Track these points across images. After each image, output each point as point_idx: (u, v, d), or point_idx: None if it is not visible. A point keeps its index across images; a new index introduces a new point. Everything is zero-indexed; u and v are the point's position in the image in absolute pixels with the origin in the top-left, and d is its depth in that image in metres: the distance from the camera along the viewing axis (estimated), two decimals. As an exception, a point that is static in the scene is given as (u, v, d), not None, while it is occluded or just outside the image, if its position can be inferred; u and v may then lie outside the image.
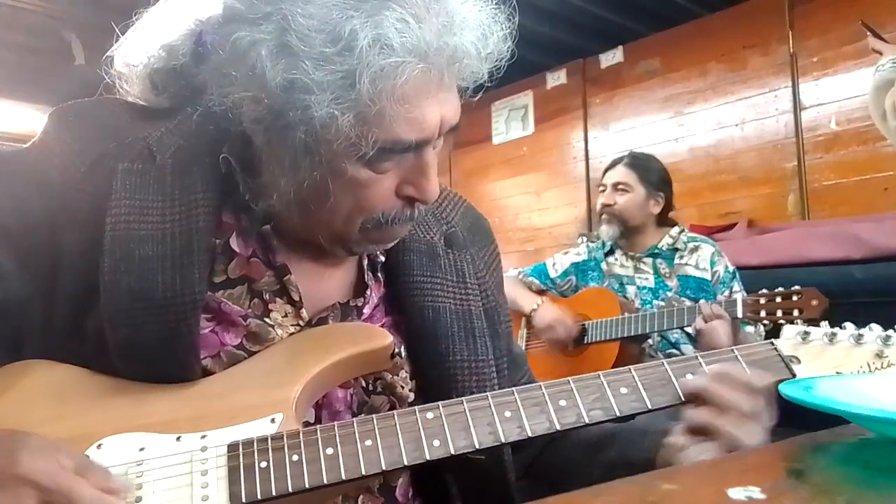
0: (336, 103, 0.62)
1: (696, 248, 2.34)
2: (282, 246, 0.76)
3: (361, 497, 0.74)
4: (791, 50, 3.13)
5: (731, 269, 2.30)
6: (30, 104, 4.57)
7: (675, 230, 2.41)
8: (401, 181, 0.70)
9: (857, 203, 2.87)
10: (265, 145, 0.69)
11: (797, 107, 3.10)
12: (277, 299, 0.74)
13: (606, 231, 2.38)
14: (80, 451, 0.60)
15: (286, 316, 0.74)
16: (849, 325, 0.74)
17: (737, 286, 2.24)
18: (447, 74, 0.66)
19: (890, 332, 0.73)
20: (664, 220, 2.44)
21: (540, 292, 2.56)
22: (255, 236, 0.74)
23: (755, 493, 0.44)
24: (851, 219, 2.74)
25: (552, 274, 2.57)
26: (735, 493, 0.44)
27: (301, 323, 0.75)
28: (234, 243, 0.74)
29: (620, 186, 2.40)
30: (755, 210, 3.20)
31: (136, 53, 0.78)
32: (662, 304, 2.28)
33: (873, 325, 0.73)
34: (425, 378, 0.78)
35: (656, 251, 2.38)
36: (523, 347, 2.51)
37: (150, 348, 0.66)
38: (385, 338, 0.71)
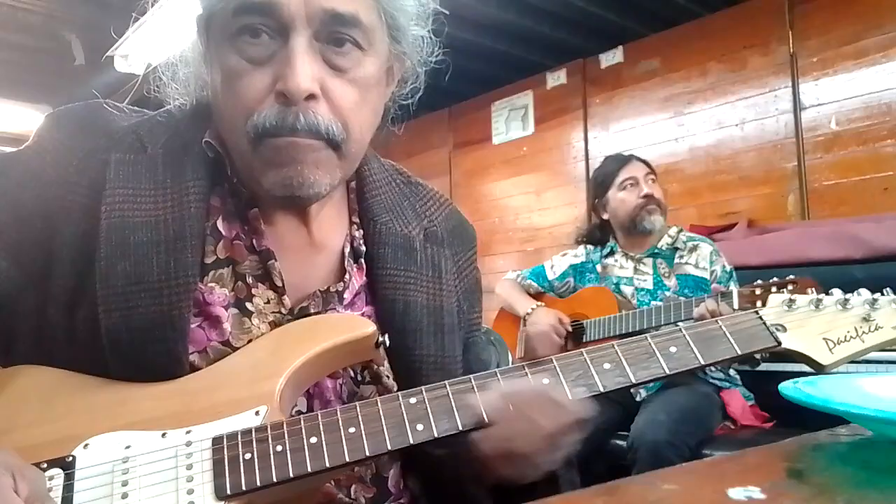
0: None
1: (695, 248, 2.35)
2: (269, 230, 0.77)
3: (354, 486, 0.75)
4: (791, 50, 3.13)
5: (728, 268, 2.31)
6: (30, 104, 4.57)
7: (673, 230, 2.42)
8: (273, 77, 0.68)
9: (857, 203, 2.87)
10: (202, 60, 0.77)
11: (797, 107, 3.10)
12: (260, 284, 0.75)
13: (658, 220, 2.35)
14: (45, 484, 0.59)
15: (268, 303, 0.75)
16: (836, 291, 0.73)
17: (733, 286, 2.24)
18: None
19: (877, 295, 0.71)
20: None
21: (538, 295, 2.56)
22: (240, 220, 0.76)
23: (755, 493, 0.44)
24: (851, 219, 2.74)
25: (550, 276, 2.57)
26: (735, 493, 0.44)
27: (283, 311, 0.75)
28: (221, 225, 0.76)
29: (651, 177, 2.41)
30: (755, 210, 3.20)
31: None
32: (660, 304, 2.28)
33: (861, 290, 0.72)
34: (397, 369, 0.79)
35: (656, 251, 2.38)
36: (523, 350, 2.50)
37: (142, 332, 0.66)
38: (367, 326, 0.71)
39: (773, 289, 1.90)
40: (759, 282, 1.95)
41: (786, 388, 0.63)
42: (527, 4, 3.34)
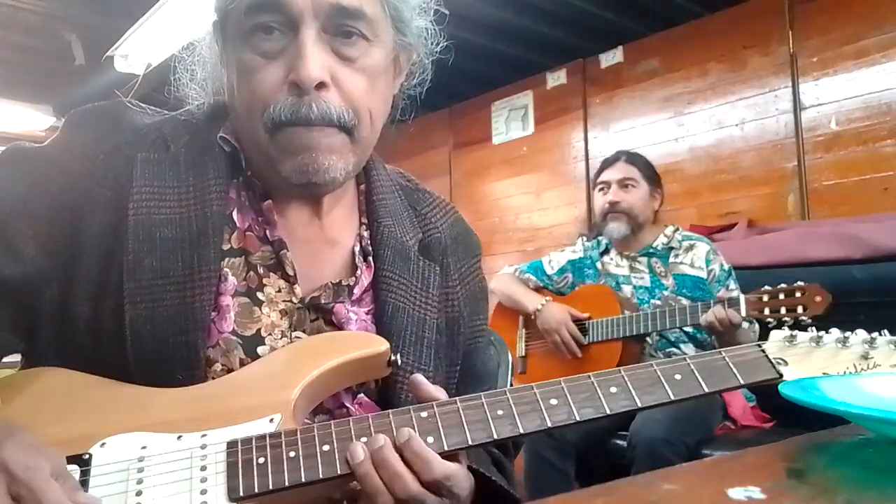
0: None
1: (691, 247, 2.34)
2: (281, 222, 0.79)
3: None
4: (791, 50, 3.13)
5: (726, 267, 2.30)
6: (30, 104, 4.57)
7: (669, 229, 2.41)
8: (286, 69, 0.72)
9: (857, 203, 2.87)
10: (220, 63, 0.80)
11: (797, 107, 3.10)
12: (272, 274, 0.78)
13: (616, 229, 2.35)
14: (62, 459, 0.61)
15: (279, 291, 0.77)
16: (834, 330, 0.76)
17: (733, 284, 2.24)
18: None
19: (875, 334, 0.74)
20: (658, 219, 2.45)
21: (537, 290, 2.56)
22: (253, 212, 0.79)
23: (755, 493, 0.44)
24: (851, 219, 2.74)
25: (549, 271, 2.56)
26: (735, 493, 0.44)
27: (294, 300, 0.77)
28: (235, 216, 0.78)
29: (627, 182, 2.38)
30: (755, 210, 3.20)
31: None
32: (659, 303, 2.27)
33: (859, 330, 0.75)
34: None
35: (651, 250, 2.38)
36: (523, 348, 2.49)
37: (165, 323, 0.69)
38: (381, 344, 0.73)
39: (781, 295, 1.89)
40: (767, 287, 1.94)
41: (786, 388, 0.63)
42: (527, 4, 3.34)
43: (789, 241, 2.68)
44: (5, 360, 0.75)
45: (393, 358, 0.75)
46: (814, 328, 0.76)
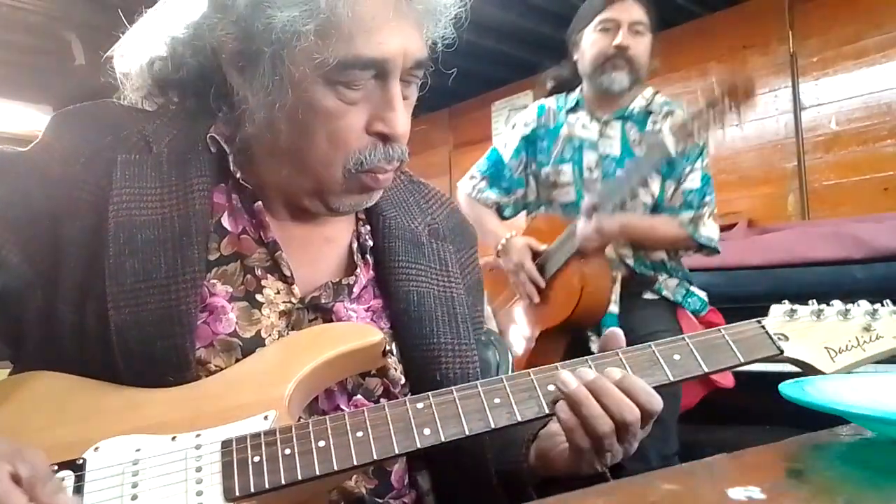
0: (297, 14, 0.66)
1: (670, 113, 2.00)
2: (274, 223, 0.79)
3: (355, 476, 0.76)
4: (791, 50, 3.13)
5: (701, 142, 1.95)
6: (30, 104, 4.58)
7: (648, 91, 2.07)
8: (370, 117, 0.72)
9: (857, 203, 2.87)
10: (241, 80, 0.74)
11: (797, 107, 3.10)
12: (269, 276, 0.77)
13: (618, 80, 1.96)
14: (46, 465, 0.58)
15: (278, 293, 0.77)
16: (836, 302, 0.74)
17: (699, 164, 1.97)
18: (405, 4, 0.71)
19: (877, 305, 0.72)
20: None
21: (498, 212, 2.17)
22: (246, 214, 0.78)
23: (755, 493, 0.44)
24: (851, 219, 2.74)
25: (506, 157, 2.21)
26: (735, 493, 0.44)
27: (293, 300, 0.77)
28: (226, 221, 0.77)
29: (638, 28, 2.00)
30: (755, 210, 3.20)
31: (140, 52, 0.84)
32: (622, 175, 1.94)
33: (861, 301, 0.73)
34: (411, 360, 0.80)
35: (626, 113, 2.02)
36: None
37: (151, 328, 0.68)
38: (376, 335, 0.72)
39: (704, 105, 1.70)
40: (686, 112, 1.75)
41: (786, 387, 0.63)
42: (527, 5, 3.34)
43: (789, 241, 2.68)
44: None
45: (388, 348, 0.74)
46: (815, 301, 0.73)
